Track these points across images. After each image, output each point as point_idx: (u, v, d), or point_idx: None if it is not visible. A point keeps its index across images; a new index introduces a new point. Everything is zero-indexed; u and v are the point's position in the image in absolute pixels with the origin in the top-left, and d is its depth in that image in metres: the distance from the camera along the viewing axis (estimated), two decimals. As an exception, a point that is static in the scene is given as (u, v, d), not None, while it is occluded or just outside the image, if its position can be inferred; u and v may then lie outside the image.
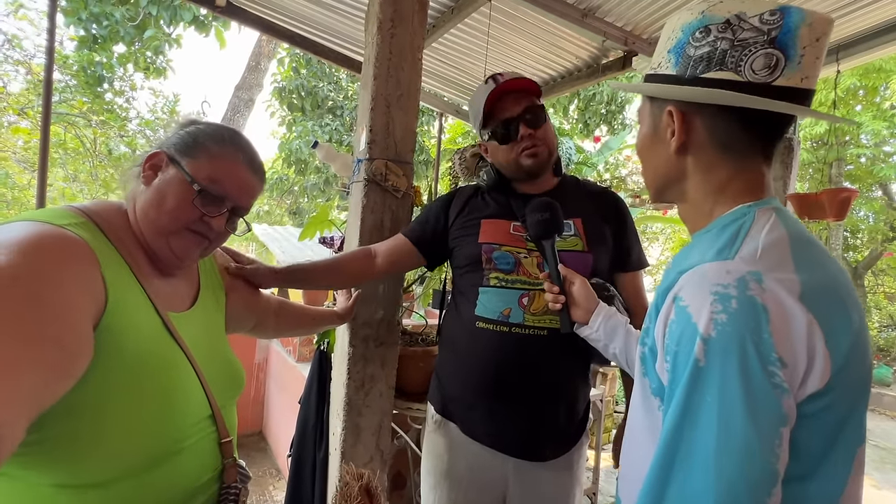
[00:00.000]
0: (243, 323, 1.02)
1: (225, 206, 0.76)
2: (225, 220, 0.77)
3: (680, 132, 0.59)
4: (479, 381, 1.08)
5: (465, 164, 2.08)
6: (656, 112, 0.63)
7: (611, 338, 0.89)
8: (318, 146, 1.55)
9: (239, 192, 0.78)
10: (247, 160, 0.79)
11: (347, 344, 1.37)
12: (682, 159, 0.61)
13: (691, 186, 0.61)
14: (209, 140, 0.76)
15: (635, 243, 1.17)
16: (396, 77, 1.39)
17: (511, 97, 1.11)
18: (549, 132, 1.13)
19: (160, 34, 4.48)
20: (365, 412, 1.40)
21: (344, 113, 6.71)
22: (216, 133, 0.78)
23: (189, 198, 0.73)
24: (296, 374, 2.44)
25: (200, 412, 0.72)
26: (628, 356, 0.88)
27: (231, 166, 0.77)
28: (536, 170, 1.13)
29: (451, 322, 1.18)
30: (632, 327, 0.91)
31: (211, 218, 0.75)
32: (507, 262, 1.08)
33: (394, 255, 1.22)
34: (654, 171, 0.66)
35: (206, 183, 0.73)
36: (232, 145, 0.78)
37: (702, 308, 0.46)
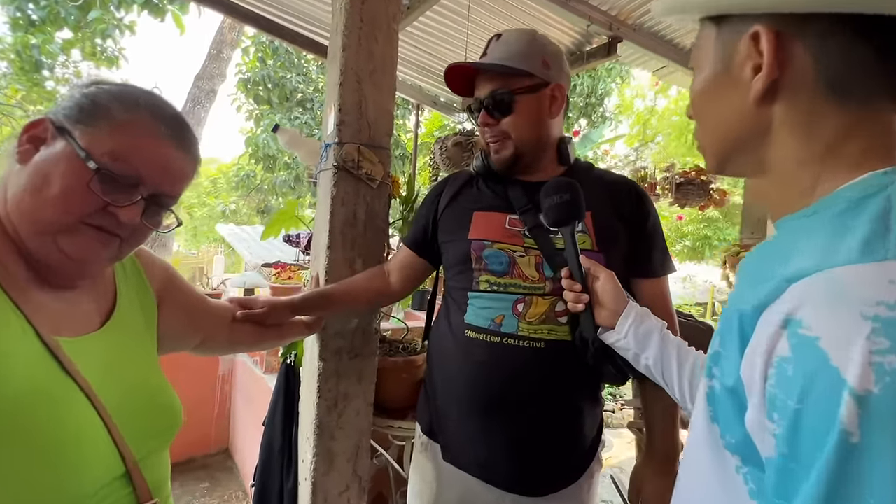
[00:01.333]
0: (185, 340, 0.82)
1: (138, 192, 0.57)
2: (140, 212, 0.57)
3: (771, 66, 0.40)
4: (466, 399, 0.92)
5: (447, 154, 1.92)
6: (728, 40, 0.44)
7: (643, 345, 0.71)
8: (280, 130, 1.35)
9: (159, 175, 0.58)
10: (170, 132, 0.59)
11: (317, 357, 1.18)
12: (765, 109, 0.42)
13: (778, 150, 0.43)
14: (114, 103, 0.56)
15: (659, 244, 0.98)
16: (369, 48, 1.21)
17: (484, 75, 0.95)
18: (521, 123, 0.93)
19: (107, 17, 4.10)
20: (339, 435, 1.22)
21: (314, 106, 6.42)
22: (125, 94, 0.58)
23: (83, 180, 0.53)
24: (263, 387, 2.23)
25: (108, 471, 0.54)
26: (664, 369, 0.70)
27: (146, 141, 0.57)
28: (500, 167, 0.97)
29: (440, 329, 1.02)
30: (669, 332, 0.74)
31: (119, 208, 0.55)
32: (500, 263, 0.91)
33: (404, 268, 1.11)
34: (717, 129, 0.47)
35: (107, 160, 0.54)
36: (149, 112, 0.58)
37: (849, 344, 0.29)
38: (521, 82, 0.92)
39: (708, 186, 2.77)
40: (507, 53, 0.92)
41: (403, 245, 1.12)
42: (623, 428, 3.83)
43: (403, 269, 1.12)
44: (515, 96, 0.91)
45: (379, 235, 1.26)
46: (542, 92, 0.93)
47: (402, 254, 1.12)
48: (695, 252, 8.96)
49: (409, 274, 1.11)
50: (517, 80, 0.92)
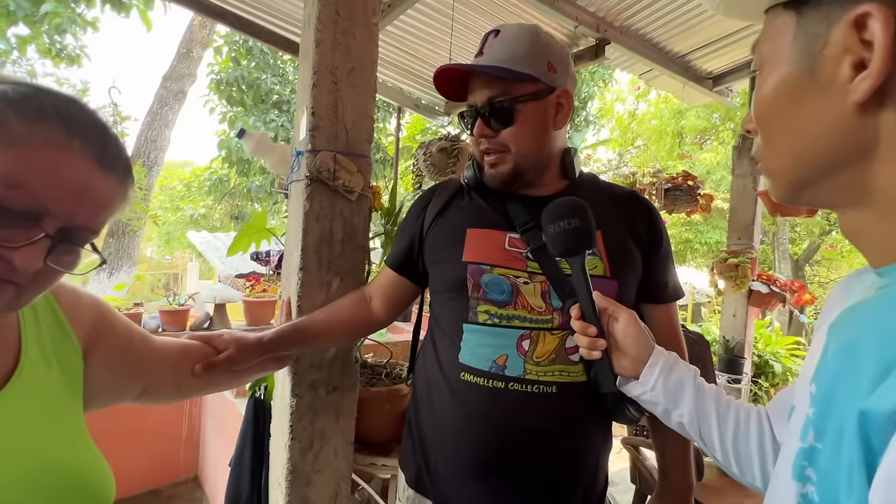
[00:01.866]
0: (121, 392, 0.68)
1: (41, 227, 0.43)
2: (43, 253, 0.44)
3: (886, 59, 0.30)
4: (464, 455, 0.78)
5: (432, 161, 1.80)
6: (815, 30, 0.34)
7: (675, 400, 0.60)
8: (246, 135, 1.21)
9: (71, 200, 0.45)
10: (89, 147, 0.46)
11: (289, 393, 1.04)
12: (870, 119, 0.32)
13: (887, 172, 0.32)
14: (9, 111, 0.43)
15: (671, 267, 0.89)
16: (346, 45, 1.08)
17: (480, 79, 0.81)
18: (522, 136, 0.81)
19: (63, 10, 3.81)
20: (315, 479, 1.08)
21: (291, 108, 6.20)
22: (26, 98, 0.44)
23: None
24: (235, 412, 2.05)
25: None
26: (702, 426, 0.58)
27: (53, 158, 0.44)
28: (497, 184, 0.85)
29: (427, 364, 0.88)
30: (703, 381, 0.62)
31: (11, 249, 0.42)
32: (501, 291, 0.78)
33: (386, 293, 0.98)
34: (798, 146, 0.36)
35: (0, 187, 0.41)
36: (59, 121, 0.44)
37: None
38: (524, 88, 0.79)
39: (696, 192, 2.73)
40: (509, 54, 0.79)
41: (386, 266, 0.99)
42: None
43: (387, 293, 0.99)
44: (517, 104, 0.79)
45: (359, 254, 1.13)
46: (548, 99, 0.81)
47: (384, 276, 0.99)
48: (677, 256, 9.10)
49: (393, 298, 0.99)
50: (519, 85, 0.79)
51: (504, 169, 0.82)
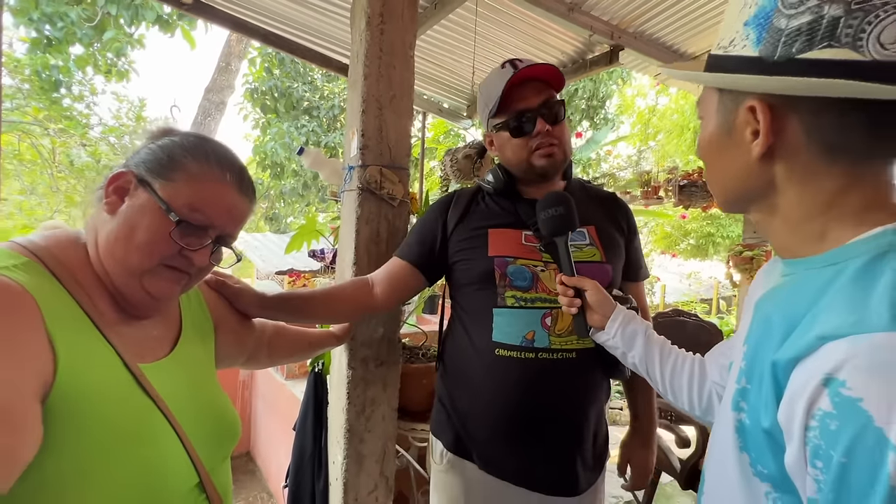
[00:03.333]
0: (235, 358, 0.91)
1: (208, 236, 0.65)
2: (209, 253, 0.66)
3: (766, 134, 0.45)
4: (503, 417, 0.96)
5: (458, 166, 1.99)
6: (728, 106, 0.48)
7: (630, 345, 0.81)
8: (305, 152, 1.44)
9: (226, 219, 0.66)
10: (235, 179, 0.67)
11: (346, 366, 1.27)
12: (767, 167, 0.47)
13: (785, 199, 0.47)
14: (188, 157, 0.64)
15: (641, 252, 1.12)
16: (388, 76, 1.29)
17: (531, 86, 1.00)
18: (567, 132, 1.04)
19: (121, 35, 4.21)
20: (367, 438, 1.30)
21: (320, 113, 6.51)
22: (196, 147, 0.65)
23: (165, 230, 0.61)
24: (285, 393, 2.31)
25: (186, 482, 0.62)
26: (648, 365, 0.80)
27: (216, 189, 0.65)
28: (550, 171, 1.03)
29: (460, 349, 1.05)
30: (654, 333, 0.84)
31: (192, 252, 0.64)
32: (524, 278, 0.97)
33: (393, 282, 1.08)
34: (725, 180, 0.52)
35: (186, 212, 0.62)
36: (217, 163, 0.66)
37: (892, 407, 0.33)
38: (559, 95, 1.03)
39: (711, 188, 2.83)
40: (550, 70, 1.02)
41: (397, 258, 1.10)
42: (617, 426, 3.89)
43: (394, 282, 1.08)
44: (563, 106, 1.02)
45: (400, 250, 1.34)
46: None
47: (394, 266, 1.09)
48: (699, 249, 8.99)
49: (399, 288, 1.08)
50: (558, 92, 1.03)
51: (559, 157, 1.02)
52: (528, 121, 1.00)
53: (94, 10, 4.01)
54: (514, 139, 1.02)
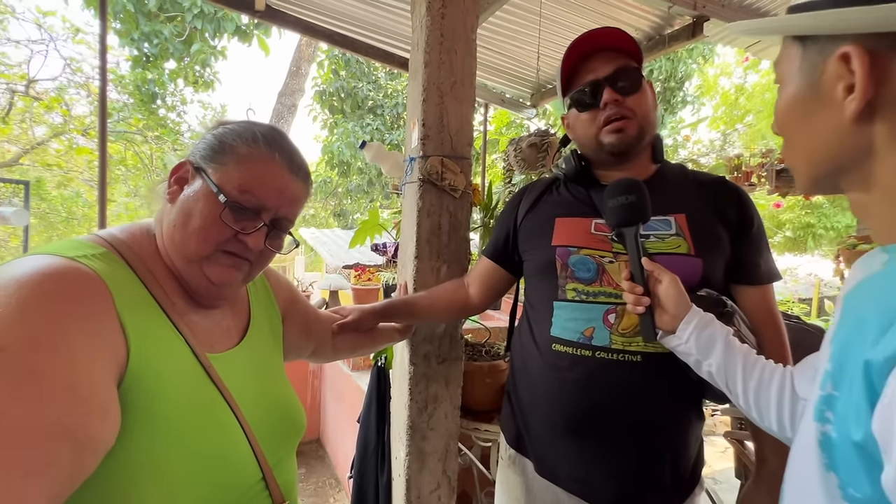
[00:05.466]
0: (302, 350, 0.91)
1: (261, 218, 0.64)
2: (264, 237, 0.65)
3: (865, 87, 0.38)
4: (558, 415, 0.90)
5: (522, 156, 1.90)
6: (814, 60, 0.42)
7: (706, 352, 0.70)
8: (367, 146, 1.43)
9: (277, 200, 0.65)
10: (284, 159, 0.65)
11: (408, 362, 1.25)
12: (864, 128, 0.40)
13: (886, 168, 0.40)
14: (237, 140, 0.63)
15: (765, 249, 0.92)
16: (449, 62, 1.24)
17: (602, 56, 0.92)
18: (645, 103, 0.92)
19: (206, 47, 4.60)
20: (430, 436, 1.27)
21: (384, 111, 6.67)
22: (245, 131, 0.64)
23: (216, 213, 0.61)
24: (351, 384, 2.37)
25: (251, 476, 0.61)
26: (728, 377, 0.68)
27: (265, 169, 0.64)
28: (621, 148, 0.92)
29: (523, 340, 1.01)
30: (735, 340, 0.71)
31: (246, 235, 0.63)
32: (588, 270, 0.89)
33: (484, 280, 1.10)
34: (811, 151, 0.45)
35: (235, 193, 0.61)
36: (265, 143, 0.64)
37: None
38: (637, 64, 0.93)
39: (815, 172, 2.48)
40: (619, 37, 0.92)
41: (483, 256, 1.13)
42: (715, 436, 3.56)
43: (484, 280, 1.11)
44: (640, 74, 0.92)
45: (462, 244, 1.29)
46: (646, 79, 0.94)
47: (481, 265, 1.12)
48: (796, 243, 7.96)
49: (489, 285, 1.11)
50: (635, 60, 0.93)
51: (631, 132, 0.91)
52: (597, 92, 0.91)
53: (183, 26, 4.41)
54: (582, 114, 0.95)
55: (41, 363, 0.42)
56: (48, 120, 4.98)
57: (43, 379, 0.42)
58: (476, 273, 1.13)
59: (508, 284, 1.13)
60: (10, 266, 0.48)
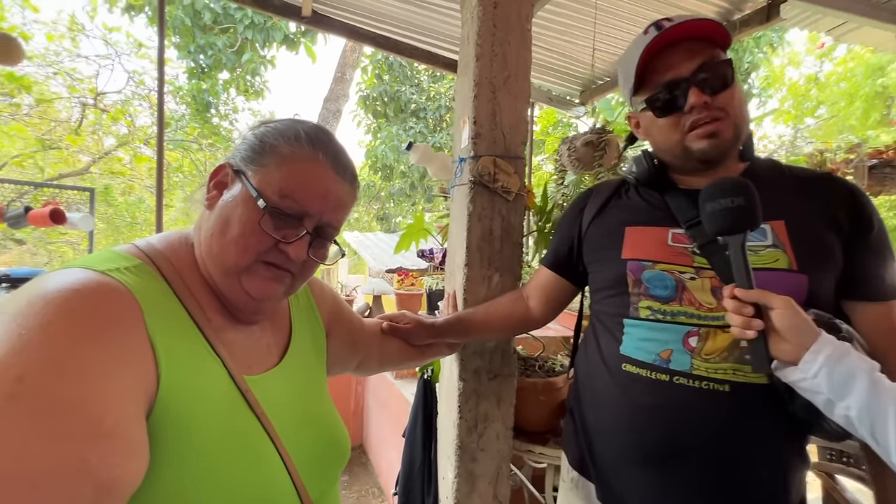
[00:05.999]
0: (346, 365, 0.85)
1: (303, 226, 0.57)
2: (307, 246, 0.58)
3: None
4: (627, 442, 0.79)
5: (577, 155, 1.77)
6: None
7: (841, 391, 0.56)
8: (413, 147, 1.37)
9: (321, 205, 0.58)
10: (329, 159, 0.59)
11: (457, 377, 1.16)
12: None
13: None
14: (279, 139, 0.57)
15: (888, 257, 0.75)
16: (503, 55, 1.15)
17: (683, 48, 0.78)
18: (737, 98, 0.77)
19: (256, 57, 4.77)
20: (480, 457, 1.18)
21: (427, 114, 6.67)
22: (288, 129, 0.59)
23: (255, 220, 0.55)
24: (395, 393, 2.32)
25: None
26: (875, 424, 0.54)
27: (308, 171, 0.57)
28: (714, 155, 0.79)
29: (590, 355, 0.91)
30: (883, 377, 0.57)
31: (287, 245, 0.57)
32: (665, 287, 0.77)
33: (545, 292, 1.02)
34: None
35: (276, 198, 0.55)
36: (308, 142, 0.58)
37: None
38: (725, 54, 0.78)
39: (914, 167, 2.17)
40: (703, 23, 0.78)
41: (542, 266, 1.03)
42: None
43: (544, 292, 1.02)
44: (730, 67, 0.77)
45: (515, 250, 1.19)
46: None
47: (541, 276, 1.03)
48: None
49: (550, 297, 1.02)
50: (722, 48, 0.78)
51: (726, 135, 0.77)
52: (679, 93, 0.78)
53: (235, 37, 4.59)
54: (662, 119, 0.81)
55: (63, 393, 0.37)
56: (115, 131, 5.35)
57: (65, 411, 0.37)
58: (535, 284, 1.04)
59: (572, 296, 1.03)
60: (43, 279, 0.44)
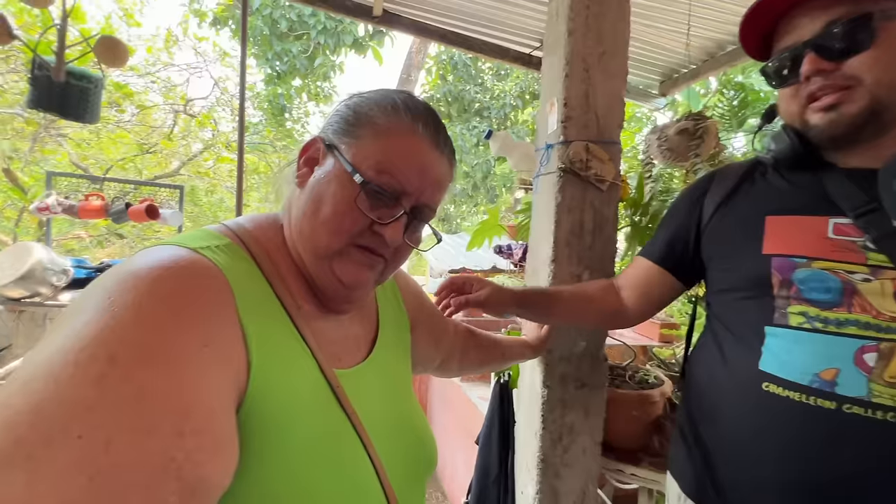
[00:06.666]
0: (428, 364, 0.78)
1: (401, 206, 0.52)
2: (403, 228, 0.52)
3: None
4: (772, 480, 0.65)
5: (669, 145, 1.60)
6: None
7: None
8: (494, 135, 1.29)
9: (419, 182, 0.52)
10: (429, 132, 0.53)
11: (540, 384, 1.06)
12: None
13: None
14: (374, 109, 0.52)
15: None
16: (597, 29, 1.04)
17: (810, 6, 0.65)
18: (882, 62, 0.62)
19: (327, 62, 4.94)
20: (564, 474, 1.07)
21: (491, 114, 6.58)
22: (383, 98, 0.53)
23: (351, 197, 0.49)
24: (460, 395, 2.25)
25: None
26: None
27: (406, 145, 0.51)
28: (833, 132, 0.65)
29: (710, 371, 0.76)
30: None
31: (383, 226, 0.51)
32: (827, 290, 0.63)
33: (644, 287, 0.89)
34: None
35: (373, 174, 0.49)
36: (406, 112, 0.52)
37: None
38: (883, 2, 0.62)
39: None
40: None
41: (643, 259, 0.90)
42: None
43: (642, 287, 0.89)
44: (878, 21, 0.61)
45: (608, 246, 1.08)
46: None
47: (640, 269, 0.90)
48: None
49: (649, 294, 0.89)
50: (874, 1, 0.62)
51: (851, 109, 0.63)
52: (795, 59, 0.66)
53: (308, 42, 4.80)
54: (780, 90, 0.72)
55: (152, 380, 0.33)
56: (202, 137, 5.82)
57: (153, 401, 0.32)
58: (632, 276, 0.91)
59: (674, 295, 0.89)
60: (133, 258, 0.41)
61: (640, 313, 0.92)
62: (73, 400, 0.30)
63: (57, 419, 0.29)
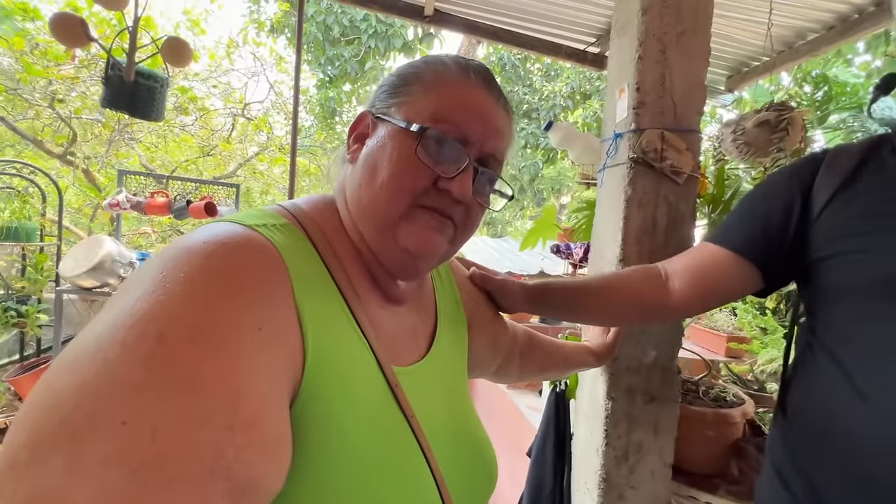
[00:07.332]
0: (486, 367, 0.72)
1: (465, 155, 0.47)
2: (471, 181, 0.47)
3: None
4: None
5: (746, 139, 1.45)
6: None
7: None
8: (554, 126, 1.21)
9: (479, 127, 0.48)
10: (481, 81, 0.50)
11: (604, 396, 0.97)
12: None
13: None
14: (420, 67, 0.51)
15: None
16: (676, 6, 0.94)
17: None
18: None
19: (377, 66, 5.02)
20: (629, 496, 0.97)
21: (539, 115, 6.44)
22: (430, 58, 0.54)
23: (410, 150, 0.45)
24: (505, 402, 2.17)
25: None
26: None
27: (462, 91, 0.48)
28: None
29: (824, 397, 0.63)
30: None
31: (449, 180, 0.46)
32: None
33: (705, 275, 0.73)
34: None
35: (429, 123, 0.46)
36: (455, 63, 0.50)
37: None
38: None
39: None
40: None
41: (712, 245, 0.74)
42: None
43: (706, 277, 0.73)
44: None
45: (684, 245, 0.97)
46: None
47: (706, 255, 0.74)
48: None
49: (714, 286, 0.73)
50: None
51: None
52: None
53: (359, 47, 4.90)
54: None
55: (203, 363, 0.29)
56: (258, 140, 6.09)
57: (205, 387, 0.28)
58: (692, 262, 0.75)
59: (741, 294, 0.75)
60: (190, 234, 0.38)
61: (689, 306, 0.75)
62: (120, 380, 0.26)
63: (102, 400, 0.26)
